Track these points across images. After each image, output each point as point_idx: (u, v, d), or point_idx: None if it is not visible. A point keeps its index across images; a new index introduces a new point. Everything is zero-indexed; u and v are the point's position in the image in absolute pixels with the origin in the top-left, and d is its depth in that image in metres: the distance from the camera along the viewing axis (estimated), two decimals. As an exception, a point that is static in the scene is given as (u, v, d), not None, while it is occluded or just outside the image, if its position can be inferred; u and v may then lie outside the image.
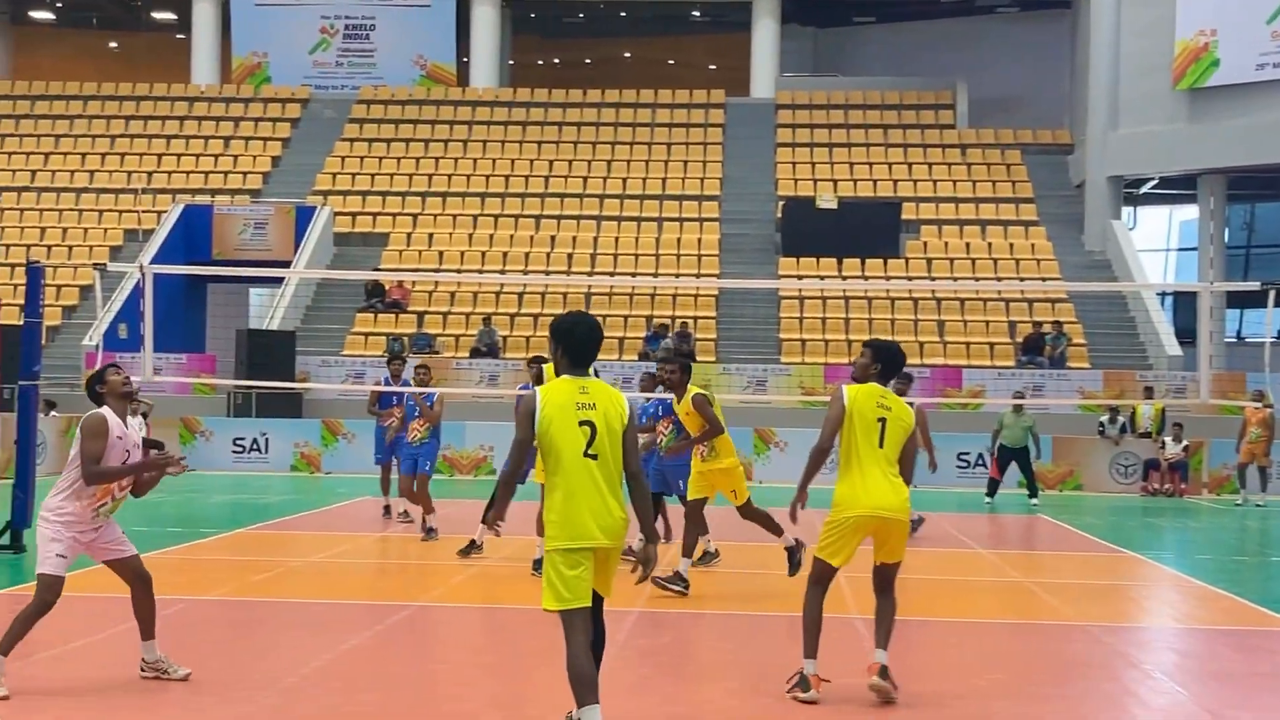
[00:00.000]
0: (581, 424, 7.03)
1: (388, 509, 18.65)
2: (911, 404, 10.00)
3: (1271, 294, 15.54)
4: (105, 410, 8.52)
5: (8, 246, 36.72)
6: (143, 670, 8.78)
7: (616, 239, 37.68)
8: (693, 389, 13.04)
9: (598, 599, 7.15)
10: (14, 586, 12.58)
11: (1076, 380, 30.54)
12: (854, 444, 8.62)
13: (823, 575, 8.77)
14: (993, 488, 24.77)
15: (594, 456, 7.02)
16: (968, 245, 36.96)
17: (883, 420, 8.63)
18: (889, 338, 32.56)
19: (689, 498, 13.24)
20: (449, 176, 41.03)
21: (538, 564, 12.69)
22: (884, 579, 8.88)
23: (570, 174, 41.04)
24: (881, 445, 8.62)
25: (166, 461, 8.67)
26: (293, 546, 14.62)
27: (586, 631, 7.00)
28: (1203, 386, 16.95)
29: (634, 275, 35.36)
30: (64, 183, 40.96)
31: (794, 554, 12.48)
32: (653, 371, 15.37)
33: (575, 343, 7.20)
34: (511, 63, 50.04)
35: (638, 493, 7.27)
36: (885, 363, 8.83)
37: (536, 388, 7.37)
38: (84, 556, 8.66)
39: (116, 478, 8.46)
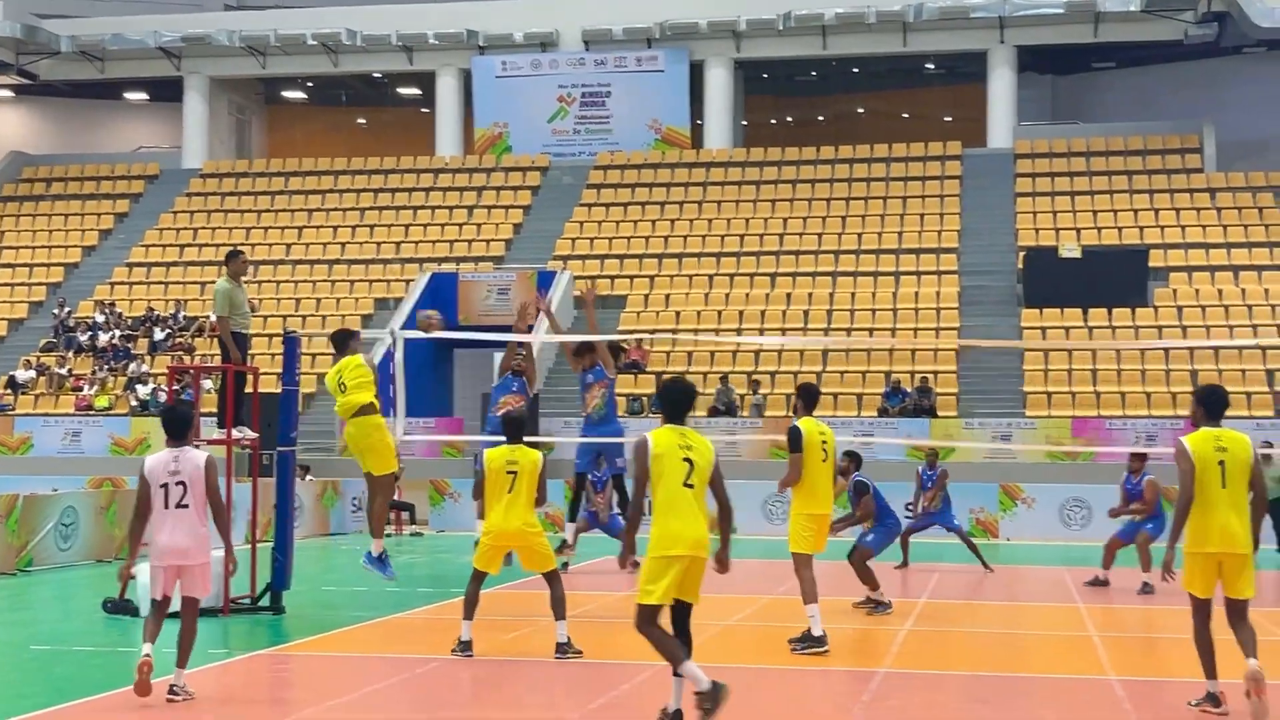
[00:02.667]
0: (684, 460, 8.85)
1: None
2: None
3: None
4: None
5: (265, 317, 38.26)
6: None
7: (853, 294, 37.46)
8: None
9: (686, 606, 8.93)
10: (274, 647, 13.02)
11: (1341, 430, 29.17)
12: (1202, 488, 9.60)
13: (1201, 607, 9.83)
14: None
15: (690, 486, 8.83)
16: (1220, 292, 35.75)
17: (1222, 463, 9.62)
18: (1137, 389, 31.41)
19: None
20: (685, 238, 41.40)
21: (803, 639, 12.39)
22: (1237, 612, 9.74)
23: (806, 231, 41.03)
24: (1224, 485, 9.60)
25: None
26: (539, 605, 14.77)
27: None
28: None
29: (871, 331, 35.10)
30: (317, 254, 42.59)
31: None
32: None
33: (671, 402, 9.13)
34: (745, 123, 50.35)
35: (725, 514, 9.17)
36: (1206, 405, 9.89)
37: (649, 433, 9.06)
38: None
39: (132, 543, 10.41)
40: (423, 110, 51.12)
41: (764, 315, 36.47)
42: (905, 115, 51.17)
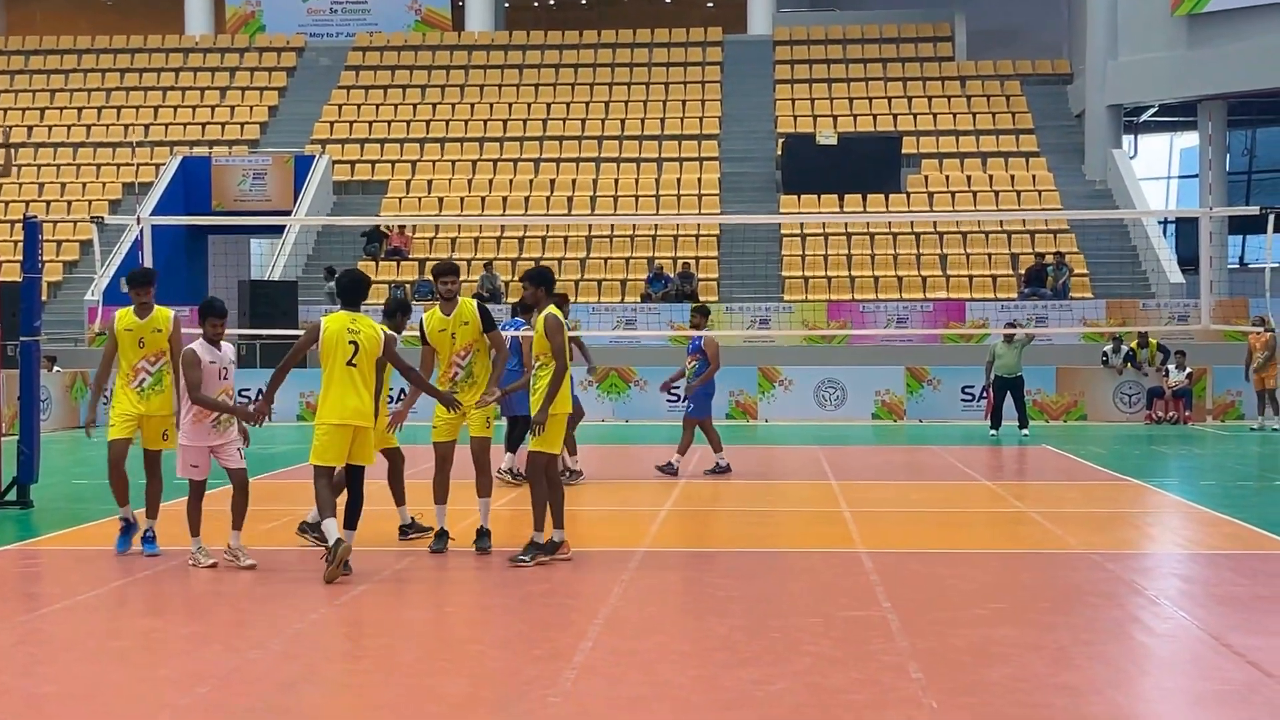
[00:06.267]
0: (350, 343, 10.22)
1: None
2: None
3: (1271, 218, 15.47)
4: (195, 344, 10.82)
5: (6, 203, 36.65)
6: (225, 553, 10.87)
7: (616, 180, 37.58)
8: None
9: (358, 468, 10.45)
10: (21, 542, 12.65)
11: (1079, 310, 30.54)
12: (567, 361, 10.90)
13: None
14: (996, 420, 24.77)
15: (354, 366, 10.24)
16: (969, 178, 36.86)
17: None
18: (889, 273, 32.35)
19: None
20: (447, 122, 40.89)
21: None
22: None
23: (568, 116, 40.89)
24: (571, 360, 11.10)
25: (245, 414, 11.16)
26: (299, 495, 14.64)
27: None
28: (1204, 312, 16.92)
29: (634, 216, 35.29)
30: (61, 138, 40.88)
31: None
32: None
33: (343, 289, 10.52)
34: (507, 5, 49.74)
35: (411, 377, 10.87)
36: (548, 286, 10.94)
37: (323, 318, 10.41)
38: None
39: (214, 409, 10.88)
40: (172, -13, 49.20)
41: (528, 201, 36.35)
42: (667, 0, 51.17)
